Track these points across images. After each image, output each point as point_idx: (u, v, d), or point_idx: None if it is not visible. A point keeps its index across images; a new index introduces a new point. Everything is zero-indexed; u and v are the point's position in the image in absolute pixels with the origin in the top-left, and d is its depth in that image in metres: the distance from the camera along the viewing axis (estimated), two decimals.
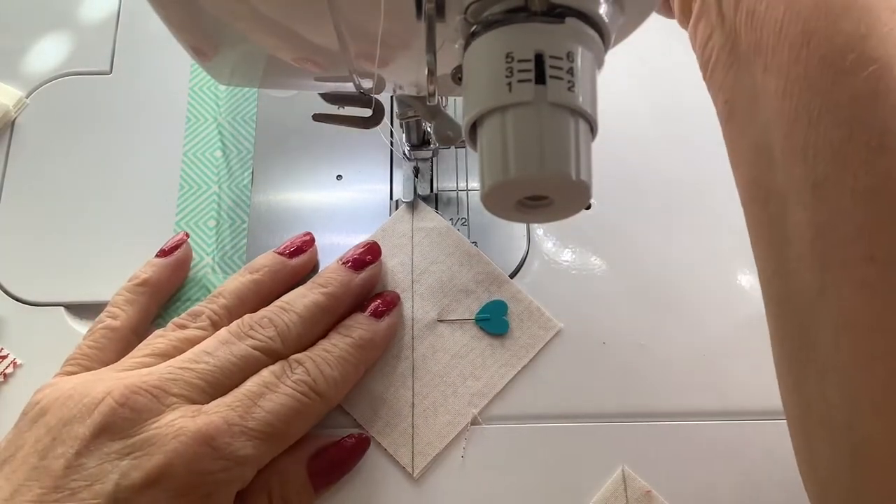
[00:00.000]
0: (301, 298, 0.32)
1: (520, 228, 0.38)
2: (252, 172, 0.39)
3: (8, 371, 0.35)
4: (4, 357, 0.35)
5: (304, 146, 0.40)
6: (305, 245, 0.36)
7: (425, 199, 0.38)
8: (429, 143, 0.37)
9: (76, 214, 0.38)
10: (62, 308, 0.36)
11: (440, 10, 0.21)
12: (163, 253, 0.36)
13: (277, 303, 0.32)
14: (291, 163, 0.40)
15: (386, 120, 0.34)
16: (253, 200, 0.39)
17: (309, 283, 0.33)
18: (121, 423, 0.27)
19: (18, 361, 0.35)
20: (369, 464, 0.33)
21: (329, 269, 0.34)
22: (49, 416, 0.28)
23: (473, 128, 0.21)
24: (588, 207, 0.38)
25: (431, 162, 0.39)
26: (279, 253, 0.35)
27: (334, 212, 0.38)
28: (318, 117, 0.32)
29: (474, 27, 0.20)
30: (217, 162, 0.40)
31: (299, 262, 0.35)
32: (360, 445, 0.32)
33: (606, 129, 0.24)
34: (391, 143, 0.39)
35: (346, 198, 0.39)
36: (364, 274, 0.34)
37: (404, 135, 0.37)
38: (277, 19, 0.24)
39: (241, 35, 0.26)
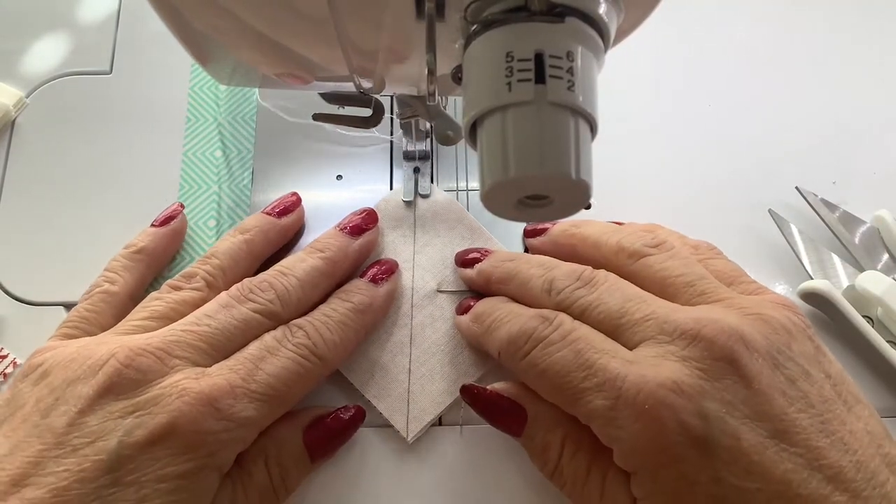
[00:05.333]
0: (300, 263, 0.33)
1: (520, 228, 0.38)
2: (252, 172, 0.39)
3: (8, 371, 0.35)
4: (4, 357, 0.35)
5: (304, 146, 0.40)
6: (293, 205, 0.36)
7: (425, 198, 0.38)
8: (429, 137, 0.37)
9: (76, 214, 0.38)
10: (62, 308, 0.36)
11: (440, 10, 0.21)
12: (158, 223, 0.36)
13: (276, 267, 0.33)
14: (291, 163, 0.40)
15: (391, 119, 0.34)
16: (253, 200, 0.39)
17: (307, 248, 0.34)
18: (125, 383, 0.27)
19: (18, 361, 0.35)
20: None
21: (327, 234, 0.35)
22: (52, 377, 0.28)
23: (474, 127, 0.21)
24: (588, 207, 0.38)
25: (431, 162, 0.39)
26: (268, 213, 0.36)
27: (334, 212, 0.38)
28: (318, 117, 0.32)
29: (474, 27, 0.20)
30: (217, 162, 0.40)
31: (288, 221, 0.36)
32: (357, 417, 0.32)
33: (607, 129, 0.24)
34: (391, 143, 0.39)
35: (346, 198, 0.39)
36: (361, 240, 0.35)
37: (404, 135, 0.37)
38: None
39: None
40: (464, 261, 0.35)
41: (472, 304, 0.34)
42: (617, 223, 0.36)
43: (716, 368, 0.26)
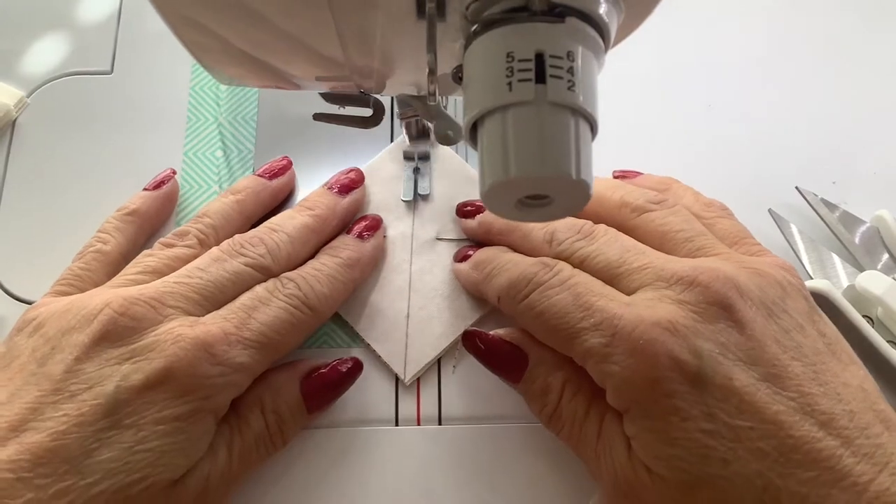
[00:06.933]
0: (289, 220, 0.34)
1: None
2: (252, 172, 0.39)
3: None
4: None
5: (304, 146, 0.40)
6: (283, 169, 0.37)
7: (425, 198, 0.38)
8: (428, 136, 0.37)
9: (76, 214, 0.38)
10: None
11: (441, 10, 0.21)
12: (150, 187, 0.37)
13: (266, 224, 0.34)
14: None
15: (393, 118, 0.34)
16: None
17: (297, 207, 0.35)
18: (120, 330, 0.28)
19: None
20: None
21: (315, 193, 0.36)
22: (47, 327, 0.29)
23: (474, 127, 0.21)
24: None
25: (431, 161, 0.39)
26: (259, 175, 0.36)
27: None
28: (318, 117, 0.32)
29: (475, 27, 0.20)
30: (217, 162, 0.40)
31: (279, 183, 0.37)
32: (354, 369, 0.33)
33: (607, 129, 0.24)
34: (391, 142, 0.39)
35: None
36: (349, 198, 0.36)
37: (405, 135, 0.37)
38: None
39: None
40: (465, 211, 0.36)
41: (470, 252, 0.35)
42: (633, 173, 0.37)
43: (710, 312, 0.27)
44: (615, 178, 0.38)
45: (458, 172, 0.38)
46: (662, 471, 0.26)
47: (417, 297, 0.36)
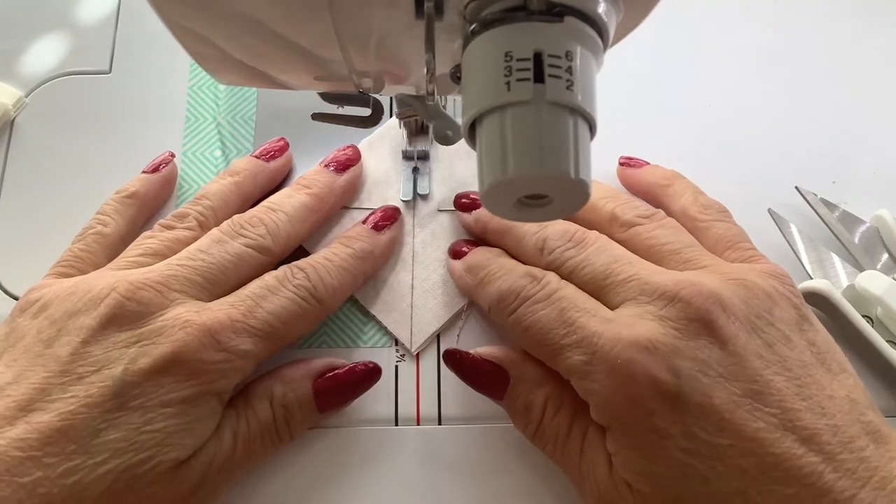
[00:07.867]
0: (287, 199, 0.34)
1: None
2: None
3: None
4: None
5: (303, 146, 0.40)
6: (280, 150, 0.37)
7: (425, 198, 0.38)
8: (426, 135, 0.37)
9: (76, 214, 0.38)
10: None
11: (439, 9, 0.21)
12: (149, 170, 0.37)
13: (265, 203, 0.34)
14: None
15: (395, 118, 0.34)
16: None
17: (294, 185, 0.35)
18: (127, 315, 0.28)
19: None
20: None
21: (312, 171, 0.36)
22: (52, 309, 0.29)
23: (473, 127, 0.21)
24: None
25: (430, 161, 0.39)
26: (257, 157, 0.36)
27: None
28: (318, 117, 0.32)
29: (473, 26, 0.20)
30: (217, 162, 0.40)
31: (277, 165, 0.37)
32: (371, 374, 0.33)
33: (606, 129, 0.24)
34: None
35: None
36: (346, 175, 0.36)
37: (405, 134, 0.37)
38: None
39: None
40: (462, 204, 0.36)
41: (465, 249, 0.34)
42: (640, 161, 0.37)
43: (691, 329, 0.27)
44: (621, 164, 0.38)
45: (455, 145, 0.38)
46: (643, 487, 0.26)
47: (420, 268, 0.36)
